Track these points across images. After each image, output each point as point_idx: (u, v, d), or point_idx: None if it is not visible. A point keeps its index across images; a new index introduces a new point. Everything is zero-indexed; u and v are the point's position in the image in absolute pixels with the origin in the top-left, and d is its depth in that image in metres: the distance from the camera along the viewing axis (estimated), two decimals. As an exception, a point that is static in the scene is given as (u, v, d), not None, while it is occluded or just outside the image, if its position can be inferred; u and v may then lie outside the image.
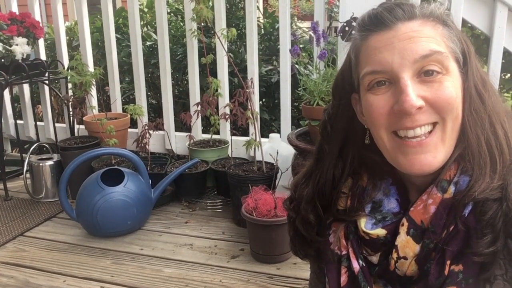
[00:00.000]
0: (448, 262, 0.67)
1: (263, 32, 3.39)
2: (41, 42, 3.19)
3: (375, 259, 0.76)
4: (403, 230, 0.72)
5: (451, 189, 0.70)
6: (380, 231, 0.75)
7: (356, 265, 0.76)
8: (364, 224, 0.77)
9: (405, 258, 0.71)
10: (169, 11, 3.38)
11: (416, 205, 0.72)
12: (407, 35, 0.67)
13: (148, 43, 3.36)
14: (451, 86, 0.67)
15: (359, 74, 0.73)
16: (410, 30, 0.68)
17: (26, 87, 3.21)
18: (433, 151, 0.68)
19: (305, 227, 0.85)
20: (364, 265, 0.76)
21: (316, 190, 0.83)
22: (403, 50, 0.67)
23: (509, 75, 3.11)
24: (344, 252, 0.79)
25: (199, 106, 2.53)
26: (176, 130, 2.95)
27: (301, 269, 1.85)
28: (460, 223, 0.67)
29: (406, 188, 0.78)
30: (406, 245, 0.71)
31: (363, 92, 0.73)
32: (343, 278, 0.78)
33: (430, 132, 0.68)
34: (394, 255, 0.72)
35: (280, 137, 2.50)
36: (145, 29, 3.48)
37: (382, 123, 0.70)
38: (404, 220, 0.72)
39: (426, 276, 0.69)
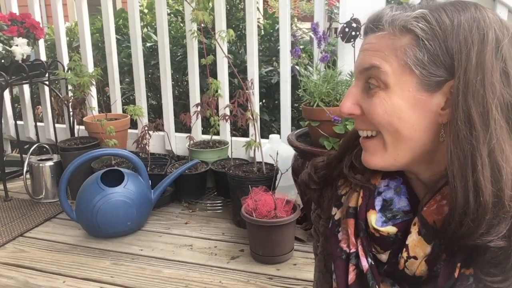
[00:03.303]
0: (459, 264, 0.66)
1: (263, 33, 3.39)
2: (41, 42, 3.20)
3: (384, 257, 0.76)
4: (414, 229, 0.71)
5: None
6: (391, 229, 0.74)
7: (365, 263, 0.76)
8: (375, 221, 0.77)
9: (415, 257, 0.71)
10: (169, 12, 3.38)
11: (429, 204, 0.71)
12: (364, 47, 0.72)
13: (148, 44, 3.36)
14: (379, 103, 0.68)
15: None
16: (367, 42, 0.71)
17: (26, 88, 3.21)
18: (372, 153, 0.73)
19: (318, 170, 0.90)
20: (373, 263, 0.76)
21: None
22: (357, 61, 0.73)
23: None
24: (353, 250, 0.78)
25: (199, 107, 2.53)
26: (176, 131, 2.95)
27: (301, 270, 1.85)
28: None
29: (412, 186, 0.78)
30: (417, 245, 0.71)
31: None
32: (351, 276, 0.77)
33: (370, 137, 0.73)
34: (404, 254, 0.72)
35: (280, 138, 2.51)
36: (145, 30, 3.48)
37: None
38: (416, 220, 0.72)
39: (436, 277, 0.68)
